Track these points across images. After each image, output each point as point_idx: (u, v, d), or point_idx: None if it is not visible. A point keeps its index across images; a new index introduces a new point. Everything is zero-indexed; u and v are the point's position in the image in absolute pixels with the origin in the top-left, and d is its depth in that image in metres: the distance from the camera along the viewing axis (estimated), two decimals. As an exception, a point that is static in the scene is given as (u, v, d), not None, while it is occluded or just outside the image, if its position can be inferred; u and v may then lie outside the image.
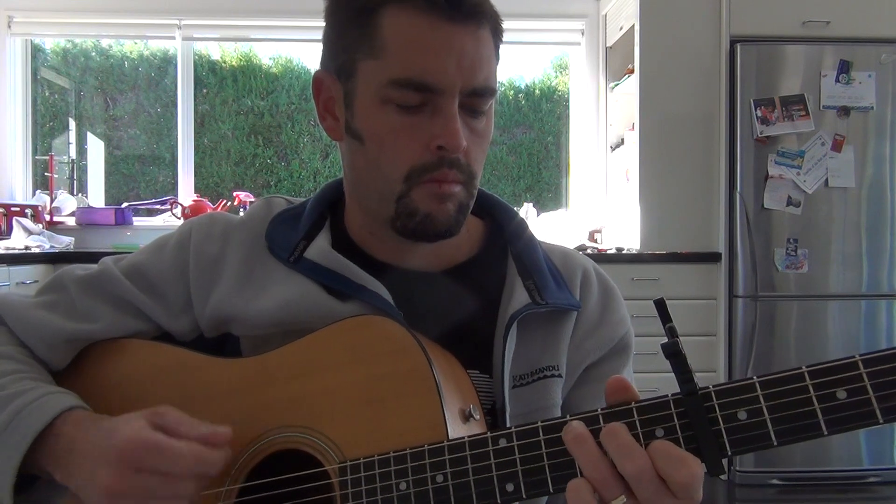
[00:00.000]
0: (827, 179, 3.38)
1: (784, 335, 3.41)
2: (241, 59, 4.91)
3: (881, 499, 3.35)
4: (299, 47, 4.93)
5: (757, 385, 0.62)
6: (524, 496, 0.67)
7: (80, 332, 0.91)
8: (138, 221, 4.30)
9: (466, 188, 0.86)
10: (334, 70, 0.88)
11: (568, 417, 0.67)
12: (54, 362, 0.91)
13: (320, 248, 0.91)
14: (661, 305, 0.65)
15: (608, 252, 3.65)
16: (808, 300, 3.40)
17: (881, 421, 0.58)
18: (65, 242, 3.86)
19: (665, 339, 0.63)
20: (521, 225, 1.00)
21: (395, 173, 0.84)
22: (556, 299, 0.91)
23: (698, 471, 0.61)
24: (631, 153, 3.83)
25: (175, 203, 4.28)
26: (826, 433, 0.60)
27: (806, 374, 0.61)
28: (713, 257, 3.49)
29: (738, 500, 3.31)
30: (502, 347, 0.87)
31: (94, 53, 4.84)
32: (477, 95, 0.84)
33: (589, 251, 3.71)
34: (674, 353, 0.63)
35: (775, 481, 3.37)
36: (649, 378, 2.30)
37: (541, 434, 0.67)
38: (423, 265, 0.94)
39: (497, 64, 0.88)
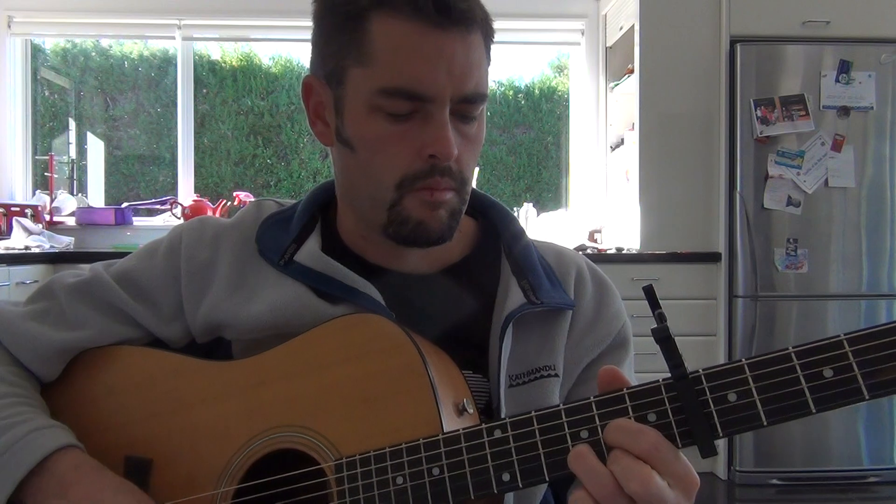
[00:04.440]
0: (827, 179, 3.38)
1: (784, 335, 3.41)
2: (241, 59, 4.91)
3: (881, 499, 3.35)
4: (299, 47, 4.92)
5: (745, 367, 0.63)
6: (520, 485, 0.67)
7: (72, 341, 0.91)
8: (138, 221, 4.30)
9: (458, 194, 0.86)
10: (324, 76, 0.87)
11: (560, 406, 0.68)
12: (46, 374, 0.91)
13: (310, 252, 0.91)
14: (649, 293, 0.66)
15: (608, 252, 3.65)
16: (808, 300, 3.40)
17: (867, 397, 0.59)
18: (65, 242, 3.86)
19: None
20: (520, 230, 1.00)
21: (386, 181, 0.84)
22: (550, 298, 0.90)
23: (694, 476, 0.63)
24: (631, 153, 3.83)
25: (175, 203, 4.29)
26: (814, 411, 0.61)
27: (793, 355, 0.62)
28: (713, 257, 3.49)
29: (738, 500, 3.30)
30: (498, 348, 0.86)
31: (94, 53, 4.85)
32: (468, 102, 0.83)
33: (589, 251, 3.71)
34: (663, 339, 0.64)
35: (775, 481, 3.37)
36: (651, 378, 2.29)
37: (535, 423, 0.68)
38: (416, 267, 0.94)
39: (488, 66, 0.87)
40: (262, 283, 0.91)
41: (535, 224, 4.20)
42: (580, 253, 1.04)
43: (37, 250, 3.55)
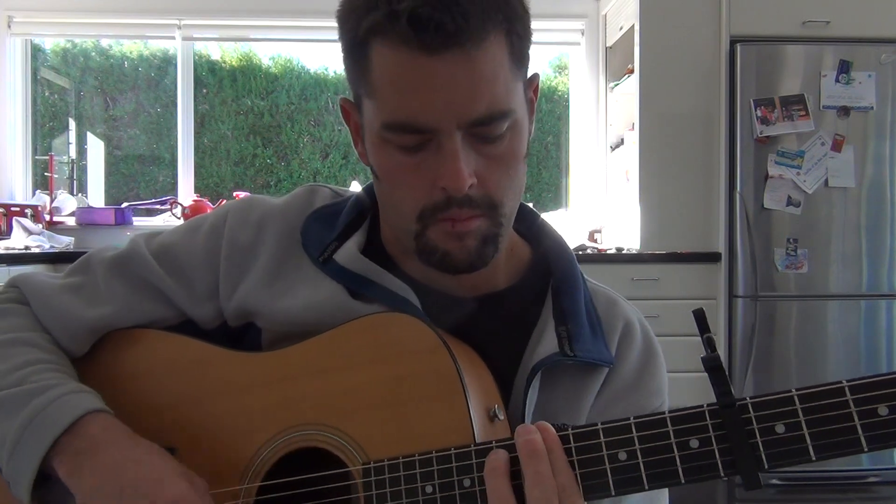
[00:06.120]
0: (827, 179, 3.38)
1: (784, 335, 3.42)
2: (241, 59, 4.89)
3: (881, 499, 3.36)
4: (299, 47, 4.92)
5: (795, 398, 0.61)
6: None
7: (103, 319, 0.91)
8: (138, 221, 4.28)
9: (489, 218, 0.80)
10: (353, 98, 0.85)
11: (599, 425, 0.67)
12: (74, 350, 0.91)
13: (350, 252, 0.88)
14: (700, 317, 0.64)
15: (608, 252, 3.65)
16: (808, 300, 3.40)
17: None
18: (65, 242, 3.85)
19: (699, 347, 0.63)
20: (573, 269, 0.92)
21: (408, 212, 0.80)
22: (586, 352, 0.83)
23: None
24: (631, 153, 3.83)
25: (175, 203, 4.27)
26: (866, 449, 0.59)
27: (846, 389, 0.60)
28: (713, 257, 3.49)
29: (738, 500, 3.31)
30: (523, 394, 0.81)
31: (94, 53, 4.82)
32: (482, 124, 0.75)
33: (589, 251, 3.72)
34: (713, 367, 0.63)
35: (775, 481, 3.38)
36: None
37: (572, 441, 0.68)
38: (455, 287, 0.89)
39: (518, 71, 0.79)
40: (299, 277, 0.89)
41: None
42: (637, 309, 0.96)
43: (37, 250, 3.54)
